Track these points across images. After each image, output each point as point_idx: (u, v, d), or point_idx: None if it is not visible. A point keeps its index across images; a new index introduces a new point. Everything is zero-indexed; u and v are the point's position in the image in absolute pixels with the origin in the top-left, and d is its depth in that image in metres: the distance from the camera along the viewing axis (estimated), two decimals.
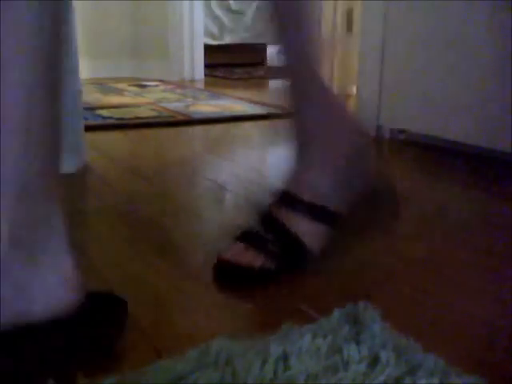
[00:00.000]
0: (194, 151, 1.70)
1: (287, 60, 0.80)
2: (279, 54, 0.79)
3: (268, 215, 0.82)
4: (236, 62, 4.59)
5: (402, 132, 1.87)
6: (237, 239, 0.82)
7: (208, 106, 2.46)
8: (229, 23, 4.39)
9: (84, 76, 3.35)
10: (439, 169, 1.51)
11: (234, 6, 4.42)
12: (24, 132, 0.54)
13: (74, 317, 0.59)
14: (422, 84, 1.73)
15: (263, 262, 0.78)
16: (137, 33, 3.83)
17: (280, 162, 1.52)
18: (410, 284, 0.81)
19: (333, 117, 0.83)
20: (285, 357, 0.59)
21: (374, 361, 0.58)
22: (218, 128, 2.06)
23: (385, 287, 0.80)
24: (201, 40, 3.74)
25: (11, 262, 0.55)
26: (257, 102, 2.58)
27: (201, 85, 3.43)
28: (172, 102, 2.55)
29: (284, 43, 0.80)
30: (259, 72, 4.13)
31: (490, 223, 1.09)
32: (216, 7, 4.30)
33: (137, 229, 1.03)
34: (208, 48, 3.97)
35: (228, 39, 4.41)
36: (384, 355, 0.59)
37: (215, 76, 3.85)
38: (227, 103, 2.55)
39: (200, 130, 2.04)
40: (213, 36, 4.29)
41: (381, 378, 0.55)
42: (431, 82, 1.70)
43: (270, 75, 3.96)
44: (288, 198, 0.81)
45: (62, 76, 0.58)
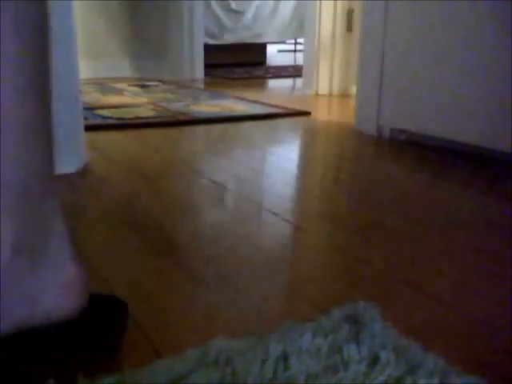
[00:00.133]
0: (194, 151, 1.70)
1: None
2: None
3: None
4: (236, 62, 4.59)
5: (403, 132, 1.87)
6: None
7: (208, 106, 2.46)
8: (229, 23, 4.39)
9: (84, 76, 3.37)
10: (439, 169, 1.51)
11: (234, 6, 4.42)
12: (20, 132, 0.54)
13: (75, 319, 0.59)
14: (422, 84, 1.74)
15: None
16: (137, 33, 3.83)
17: (280, 162, 1.52)
18: (410, 284, 0.81)
19: None
20: (285, 357, 0.59)
21: (374, 361, 0.58)
22: (218, 128, 2.06)
23: (385, 287, 0.80)
24: (201, 40, 3.75)
25: (13, 267, 0.55)
26: (257, 102, 2.58)
27: (201, 84, 3.43)
28: (172, 102, 2.55)
29: None
30: (259, 72, 4.13)
31: (490, 223, 1.09)
32: (216, 7, 4.30)
33: (137, 229, 1.03)
34: (208, 48, 3.97)
35: (228, 39, 4.41)
36: (384, 355, 0.59)
37: (215, 76, 3.85)
38: (227, 103, 2.55)
39: (200, 130, 2.04)
40: (213, 36, 4.29)
41: (381, 378, 0.55)
42: (431, 82, 1.71)
43: (270, 75, 3.96)
44: None
45: (51, 77, 0.57)
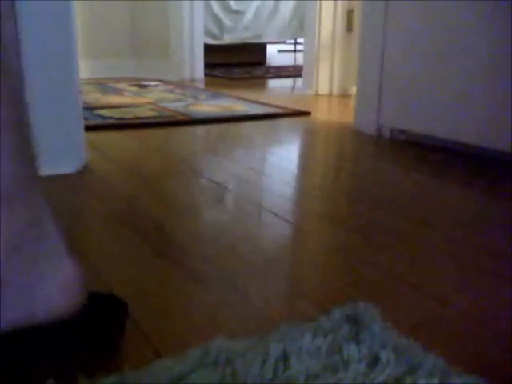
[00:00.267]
0: (194, 151, 1.69)
1: None
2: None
3: None
4: (236, 62, 4.59)
5: (403, 132, 1.87)
6: None
7: (208, 106, 2.46)
8: (229, 23, 4.39)
9: (84, 76, 3.37)
10: (439, 169, 1.51)
11: (234, 6, 4.42)
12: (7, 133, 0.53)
13: (74, 318, 0.59)
14: (422, 84, 1.74)
15: None
16: (137, 33, 3.83)
17: (280, 162, 1.52)
18: (410, 284, 0.81)
19: None
20: (284, 356, 0.59)
21: (374, 361, 0.59)
22: (218, 128, 2.06)
23: (385, 287, 0.80)
24: (201, 40, 3.75)
25: (11, 266, 0.55)
26: (257, 102, 2.58)
27: (201, 84, 3.43)
28: (172, 102, 2.55)
29: None
30: (259, 72, 4.13)
31: (490, 223, 1.09)
32: (216, 7, 4.30)
33: (137, 229, 1.03)
34: (208, 48, 3.98)
35: (228, 39, 4.41)
36: (384, 355, 0.59)
37: (215, 76, 3.85)
38: (227, 103, 2.55)
39: (200, 130, 2.04)
40: (213, 36, 4.29)
41: (381, 378, 0.55)
42: (431, 83, 1.71)
43: (270, 75, 3.96)
44: None
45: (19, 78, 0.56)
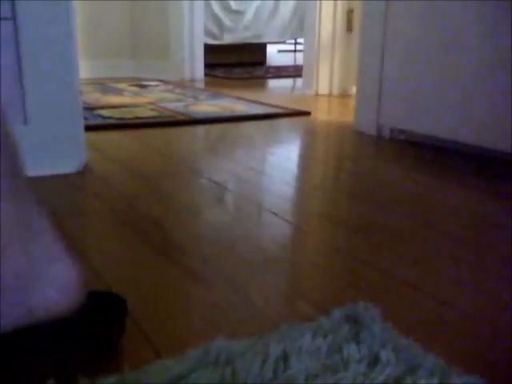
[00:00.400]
0: (194, 151, 1.69)
1: None
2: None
3: None
4: (236, 62, 4.59)
5: (403, 132, 1.87)
6: None
7: (208, 106, 2.46)
8: (229, 23, 4.39)
9: (84, 76, 3.37)
10: (439, 169, 1.51)
11: (234, 6, 4.42)
12: None
13: (74, 316, 0.59)
14: (422, 84, 1.74)
15: None
16: (137, 33, 3.83)
17: (280, 162, 1.52)
18: (410, 284, 0.81)
19: None
20: (285, 356, 0.59)
21: (374, 361, 0.58)
22: (218, 128, 2.06)
23: (385, 287, 0.80)
24: (201, 40, 3.75)
25: (9, 264, 0.55)
26: (257, 102, 2.58)
27: (201, 85, 3.43)
28: (172, 102, 2.55)
29: None
30: (259, 72, 4.13)
31: (490, 223, 1.09)
32: (216, 7, 4.30)
33: (137, 229, 1.03)
34: (208, 48, 3.97)
35: (228, 39, 4.41)
36: (384, 355, 0.59)
37: (215, 76, 3.85)
38: (227, 103, 2.55)
39: (200, 130, 2.04)
40: (213, 36, 4.29)
41: (381, 378, 0.55)
42: (431, 82, 1.70)
43: (270, 75, 3.96)
44: None
45: None
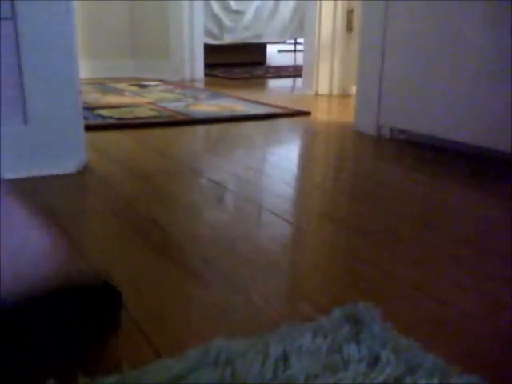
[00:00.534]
0: (194, 151, 1.69)
1: None
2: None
3: None
4: (236, 62, 4.59)
5: (403, 132, 1.87)
6: None
7: (208, 106, 2.46)
8: (229, 23, 4.39)
9: (84, 76, 3.37)
10: (439, 169, 1.51)
11: (234, 6, 4.42)
12: None
13: (67, 310, 0.59)
14: (422, 84, 1.74)
15: None
16: (137, 33, 3.83)
17: (280, 162, 1.52)
18: (410, 284, 0.81)
19: None
20: (285, 356, 0.59)
21: (374, 361, 0.58)
22: (218, 128, 2.06)
23: (385, 287, 0.80)
24: (201, 40, 3.75)
25: None
26: (257, 102, 2.58)
27: (201, 85, 3.43)
28: (172, 102, 2.55)
29: None
30: (259, 72, 4.13)
31: (490, 223, 1.09)
32: (216, 7, 4.30)
33: (137, 229, 1.03)
34: (208, 48, 3.97)
35: (228, 39, 4.41)
36: (384, 355, 0.59)
37: (215, 76, 3.85)
38: (227, 103, 2.55)
39: (200, 130, 2.04)
40: (213, 36, 4.29)
41: (381, 378, 0.55)
42: (431, 83, 1.70)
43: (270, 75, 3.95)
44: None
45: None
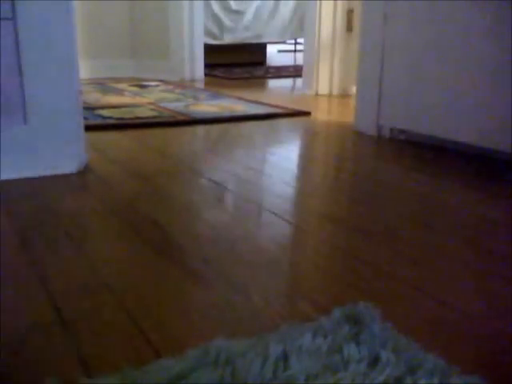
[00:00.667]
0: (194, 151, 1.70)
1: None
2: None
3: None
4: (236, 62, 4.59)
5: (403, 132, 1.87)
6: None
7: (208, 106, 2.46)
8: (229, 23, 4.39)
9: (84, 76, 3.37)
10: (439, 169, 1.51)
11: (234, 6, 4.42)
12: None
13: None
14: (422, 84, 1.73)
15: None
16: (137, 33, 3.83)
17: (280, 162, 1.52)
18: (410, 284, 0.81)
19: None
20: (285, 356, 0.58)
21: (374, 361, 0.58)
22: (218, 128, 2.06)
23: (385, 287, 0.80)
24: (201, 40, 3.75)
25: None
26: (257, 102, 2.58)
27: (201, 85, 3.43)
28: (172, 102, 2.55)
29: None
30: (259, 72, 4.13)
31: (490, 223, 1.09)
32: (216, 7, 4.30)
33: (136, 229, 1.03)
34: (208, 48, 3.97)
35: (228, 39, 4.41)
36: (384, 355, 0.59)
37: (215, 76, 3.85)
38: (227, 103, 2.55)
39: (200, 130, 2.04)
40: (213, 36, 4.29)
41: (381, 378, 0.55)
42: (431, 83, 1.70)
43: (270, 75, 3.95)
44: None
45: None
